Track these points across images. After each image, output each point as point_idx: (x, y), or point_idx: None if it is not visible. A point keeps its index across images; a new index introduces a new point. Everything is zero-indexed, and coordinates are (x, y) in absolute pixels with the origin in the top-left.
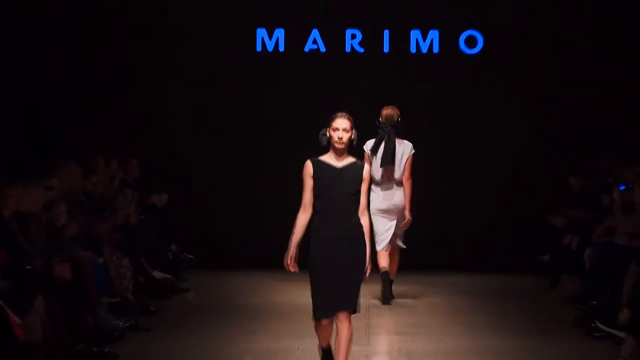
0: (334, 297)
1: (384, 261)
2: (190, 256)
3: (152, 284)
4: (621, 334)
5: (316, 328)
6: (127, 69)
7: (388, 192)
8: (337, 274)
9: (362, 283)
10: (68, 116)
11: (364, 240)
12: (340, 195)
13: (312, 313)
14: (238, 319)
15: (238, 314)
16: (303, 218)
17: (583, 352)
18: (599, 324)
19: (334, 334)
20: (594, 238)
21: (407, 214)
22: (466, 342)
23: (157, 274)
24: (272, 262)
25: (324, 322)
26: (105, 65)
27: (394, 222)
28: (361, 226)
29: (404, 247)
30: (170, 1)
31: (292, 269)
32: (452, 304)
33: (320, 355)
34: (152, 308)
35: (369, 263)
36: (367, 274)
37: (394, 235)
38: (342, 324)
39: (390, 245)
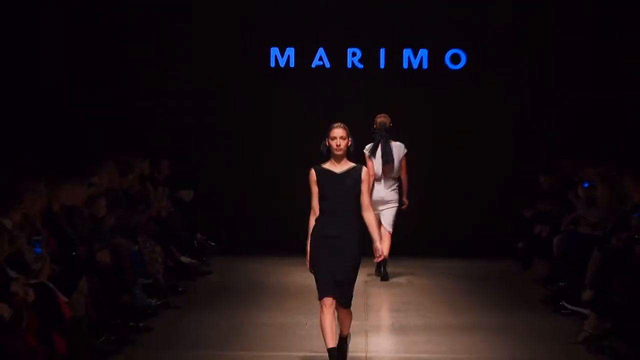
0: (333, 286)
1: None
2: (212, 243)
3: (180, 267)
4: (585, 311)
5: (321, 319)
6: (158, 83)
7: (383, 187)
8: (335, 270)
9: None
10: (108, 122)
11: (359, 240)
12: (341, 198)
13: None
14: (254, 297)
15: (254, 293)
16: (313, 221)
17: (552, 326)
18: (565, 303)
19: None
20: (561, 228)
21: (405, 200)
22: (451, 318)
23: (184, 259)
24: (283, 247)
25: (326, 300)
26: (137, 81)
27: (383, 209)
28: (359, 225)
29: (390, 231)
30: (197, 22)
31: (312, 271)
32: (439, 285)
33: (324, 338)
34: (180, 288)
35: (381, 250)
36: (382, 258)
37: (385, 217)
38: (342, 311)
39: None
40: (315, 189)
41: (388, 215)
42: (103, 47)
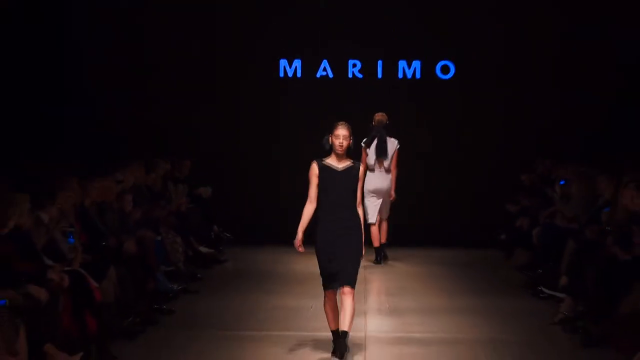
0: (337, 275)
1: (376, 241)
2: (228, 235)
3: (199, 256)
4: (561, 295)
5: (325, 305)
6: (179, 92)
7: (378, 177)
8: (339, 257)
9: (359, 263)
10: (133, 125)
11: (361, 228)
12: (341, 192)
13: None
14: (265, 283)
15: (265, 279)
16: (308, 209)
17: (530, 309)
18: (543, 288)
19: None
20: (540, 221)
21: (392, 193)
22: (441, 301)
23: (202, 248)
24: (290, 239)
25: (329, 292)
26: (161, 90)
27: (381, 200)
28: (358, 217)
29: (386, 219)
30: (216, 35)
31: (300, 250)
32: (431, 272)
33: (328, 321)
34: (198, 275)
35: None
36: (363, 253)
37: (381, 211)
38: (346, 297)
39: (378, 216)
40: (315, 181)
41: (385, 206)
42: (129, 54)
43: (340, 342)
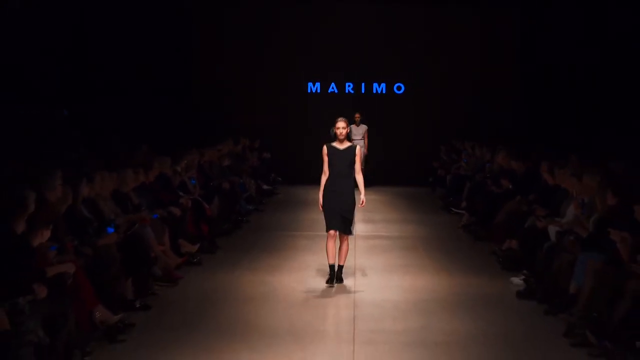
0: (336, 223)
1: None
2: (280, 178)
3: (264, 191)
4: (462, 212)
5: (327, 242)
6: (251, 97)
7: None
8: (338, 212)
9: (354, 216)
10: (230, 117)
11: (354, 193)
12: (343, 166)
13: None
14: (302, 205)
15: (304, 204)
16: (323, 179)
17: (445, 221)
18: (452, 208)
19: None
20: (451, 171)
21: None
22: (397, 215)
23: (265, 187)
24: (312, 182)
25: (331, 232)
26: (242, 94)
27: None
28: (354, 185)
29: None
30: (267, 65)
31: (322, 209)
32: (390, 200)
33: (327, 257)
34: (263, 201)
35: (364, 198)
36: (363, 204)
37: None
38: (344, 240)
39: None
40: (325, 159)
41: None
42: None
43: (336, 273)
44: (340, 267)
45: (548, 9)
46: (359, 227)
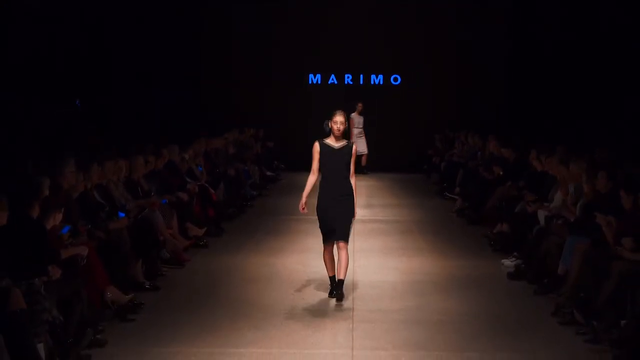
0: (333, 232)
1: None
2: (282, 165)
3: (266, 177)
4: (456, 197)
5: (324, 255)
6: (259, 91)
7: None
8: (335, 217)
9: (352, 222)
10: (237, 110)
11: (353, 195)
12: (337, 166)
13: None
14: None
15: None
16: (311, 179)
17: (439, 204)
18: (447, 193)
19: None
20: (445, 159)
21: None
22: (394, 200)
23: (268, 173)
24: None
25: (328, 245)
26: (251, 89)
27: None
28: (351, 186)
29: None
30: (275, 63)
31: (303, 211)
32: (387, 185)
33: (326, 269)
34: (267, 187)
35: (357, 210)
36: (356, 214)
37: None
38: (342, 250)
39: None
40: (316, 156)
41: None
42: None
43: (337, 288)
44: (341, 282)
45: (543, 7)
46: (357, 211)
